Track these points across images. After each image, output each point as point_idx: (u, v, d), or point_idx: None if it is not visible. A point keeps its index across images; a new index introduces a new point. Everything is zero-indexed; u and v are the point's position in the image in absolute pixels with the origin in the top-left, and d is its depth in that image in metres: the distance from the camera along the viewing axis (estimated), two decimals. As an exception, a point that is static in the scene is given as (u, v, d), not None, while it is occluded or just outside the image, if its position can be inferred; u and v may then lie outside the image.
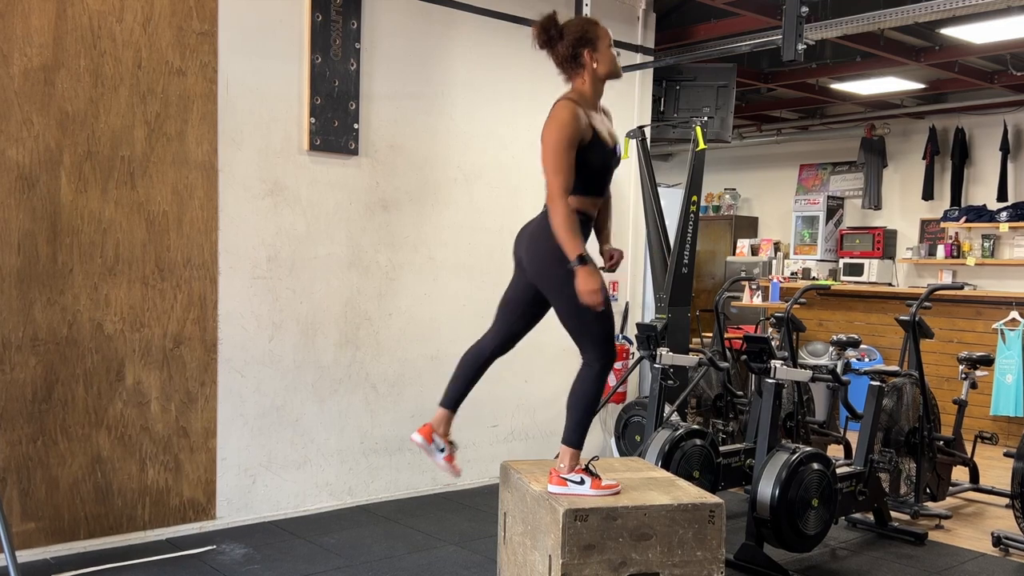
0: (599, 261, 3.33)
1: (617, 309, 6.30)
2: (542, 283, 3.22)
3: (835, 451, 5.63)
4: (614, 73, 3.26)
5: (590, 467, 3.23)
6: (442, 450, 3.45)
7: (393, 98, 5.04)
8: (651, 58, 6.30)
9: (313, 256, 4.76)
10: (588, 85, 3.22)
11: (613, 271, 3.44)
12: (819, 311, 8.25)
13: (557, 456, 3.38)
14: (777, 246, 10.43)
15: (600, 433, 6.19)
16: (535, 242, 3.22)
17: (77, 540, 4.09)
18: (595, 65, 3.20)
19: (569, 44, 3.17)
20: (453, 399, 3.48)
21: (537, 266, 3.22)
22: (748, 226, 10.92)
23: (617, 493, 3.16)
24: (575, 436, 3.27)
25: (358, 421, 4.98)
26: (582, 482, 3.16)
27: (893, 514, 4.80)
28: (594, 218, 3.31)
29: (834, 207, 9.95)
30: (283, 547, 4.24)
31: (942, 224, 8.94)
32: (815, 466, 4.04)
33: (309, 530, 4.51)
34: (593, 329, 3.17)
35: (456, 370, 3.48)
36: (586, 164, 3.15)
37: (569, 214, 3.05)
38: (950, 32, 6.28)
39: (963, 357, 5.38)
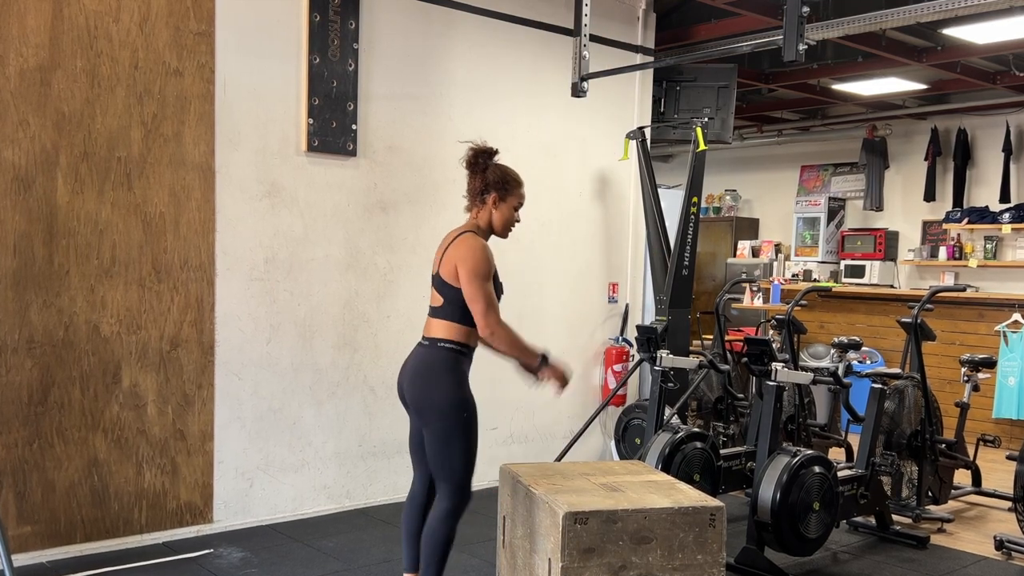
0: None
1: (617, 311, 6.28)
2: (420, 412, 3.24)
3: (836, 454, 5.60)
4: (502, 231, 3.38)
5: None
6: None
7: (391, 99, 5.01)
8: (651, 58, 6.27)
9: (311, 258, 4.73)
10: (483, 223, 3.35)
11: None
12: (820, 313, 8.22)
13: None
14: (778, 248, 10.40)
15: (600, 436, 6.17)
16: (416, 376, 3.25)
17: (73, 544, 4.07)
18: (492, 211, 3.33)
19: (485, 180, 3.31)
20: (414, 561, 3.43)
21: (417, 397, 3.23)
22: (749, 227, 10.89)
23: None
24: (429, 573, 3.25)
25: (356, 424, 4.95)
26: None
27: (895, 517, 4.77)
28: (474, 350, 3.33)
29: (835, 208, 9.92)
30: (281, 551, 4.22)
31: (944, 226, 8.91)
32: (816, 469, 4.02)
33: (307, 533, 4.48)
34: (453, 466, 3.18)
35: (403, 530, 3.45)
36: None
37: (509, 330, 3.17)
38: (952, 32, 6.25)
39: (965, 359, 5.35)
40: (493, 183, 3.31)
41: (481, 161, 3.33)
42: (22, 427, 3.93)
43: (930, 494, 4.98)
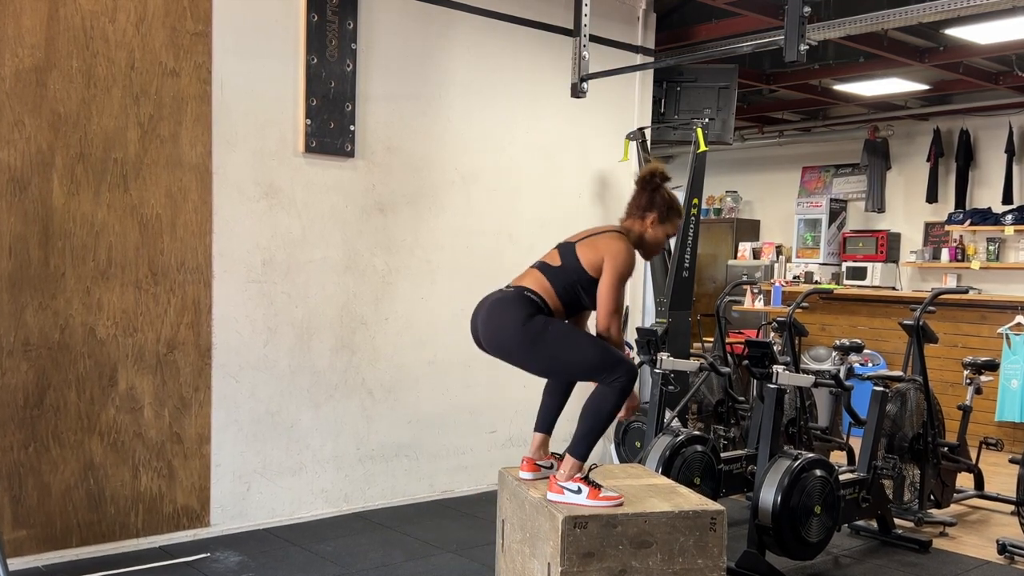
0: None
1: (617, 313, 6.24)
2: (504, 352, 3.29)
3: (838, 457, 5.56)
4: (647, 251, 3.45)
5: (590, 477, 3.17)
6: (550, 467, 3.41)
7: (390, 99, 4.99)
8: (651, 59, 6.25)
9: (308, 260, 4.71)
10: (634, 234, 3.40)
11: None
12: (822, 315, 8.19)
13: (552, 466, 3.36)
14: (779, 249, 10.37)
15: (600, 439, 6.12)
16: (491, 315, 3.28)
17: (69, 548, 4.04)
18: (648, 229, 3.40)
19: (652, 200, 3.38)
20: (548, 424, 3.53)
21: (493, 335, 3.28)
22: (750, 229, 10.86)
23: (619, 505, 3.10)
24: (580, 448, 3.21)
25: (354, 427, 4.92)
26: (579, 491, 3.11)
27: (897, 521, 4.74)
28: None
29: (837, 210, 9.89)
30: (278, 555, 4.19)
31: (946, 227, 8.88)
32: (818, 472, 3.99)
33: (304, 537, 4.45)
34: (588, 359, 3.19)
35: (543, 397, 3.56)
36: (590, 294, 3.31)
37: (622, 340, 3.30)
38: (954, 32, 6.22)
39: (968, 362, 5.32)
40: (659, 204, 3.38)
41: (656, 181, 3.40)
42: (18, 430, 3.90)
43: (932, 498, 4.94)
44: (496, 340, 3.25)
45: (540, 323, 3.18)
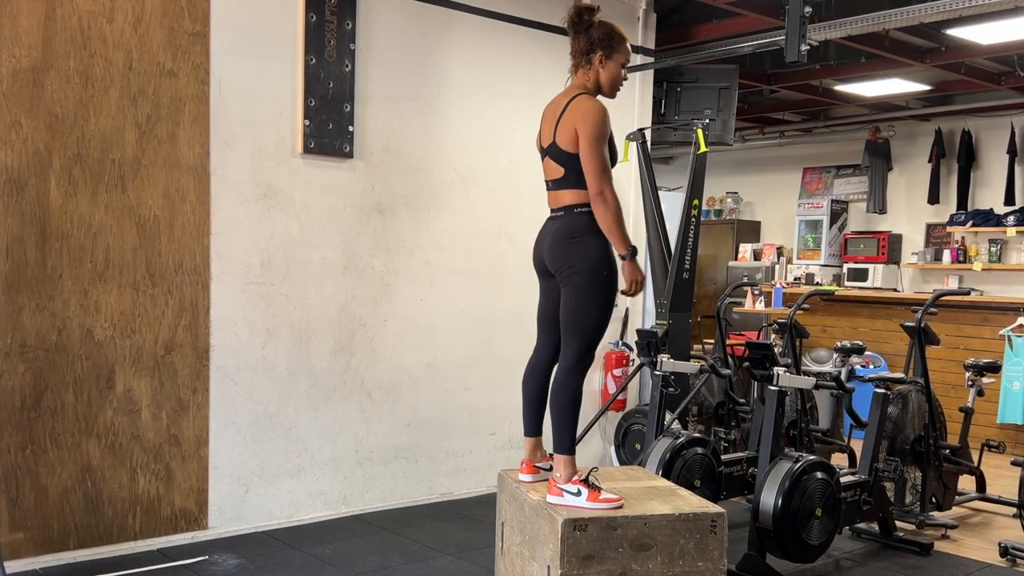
0: None
1: (617, 315, 6.22)
2: (560, 272, 3.24)
3: (839, 460, 5.55)
4: (609, 90, 3.36)
5: (589, 478, 3.15)
6: (549, 469, 3.38)
7: (389, 100, 4.97)
8: (652, 59, 6.23)
9: (307, 261, 4.69)
10: (590, 84, 3.33)
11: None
12: (823, 317, 8.17)
13: (551, 467, 3.34)
14: (780, 251, 10.36)
15: (600, 441, 6.12)
16: (557, 241, 3.25)
17: (67, 550, 4.03)
18: (600, 70, 3.31)
19: (591, 40, 3.27)
20: (535, 426, 3.49)
21: (560, 259, 3.23)
22: (750, 230, 10.85)
23: (619, 507, 3.08)
24: (563, 442, 3.21)
25: (353, 429, 4.90)
26: (579, 493, 3.09)
27: (898, 524, 4.72)
28: None
29: (838, 211, 9.88)
30: (276, 557, 4.17)
31: (948, 228, 8.86)
32: (819, 475, 3.97)
33: (303, 540, 4.44)
34: (586, 322, 3.19)
35: (524, 396, 3.49)
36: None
37: (617, 202, 3.15)
38: (956, 33, 6.21)
39: (970, 364, 5.30)
40: (598, 41, 3.27)
41: (585, 19, 3.29)
42: (15, 432, 3.88)
43: (934, 500, 4.93)
44: (560, 265, 3.22)
45: (604, 271, 3.18)
